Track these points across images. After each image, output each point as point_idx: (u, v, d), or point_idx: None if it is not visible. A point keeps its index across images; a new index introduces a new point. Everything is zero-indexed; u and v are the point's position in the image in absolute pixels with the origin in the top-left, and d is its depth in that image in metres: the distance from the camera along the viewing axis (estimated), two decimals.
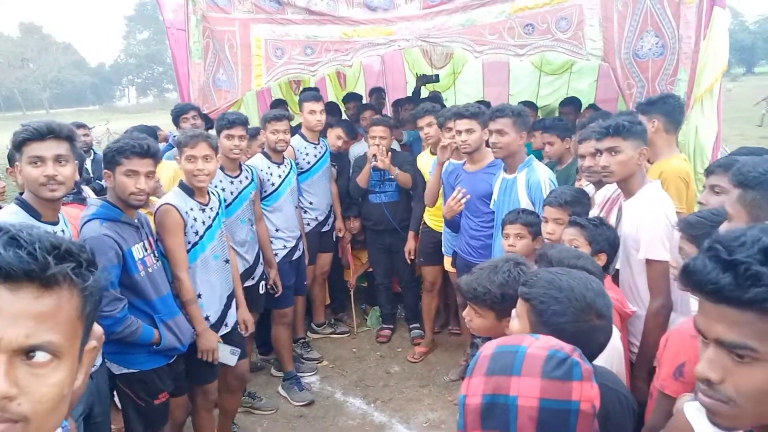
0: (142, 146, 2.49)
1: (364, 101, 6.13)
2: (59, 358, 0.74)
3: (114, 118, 27.90)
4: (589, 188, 3.05)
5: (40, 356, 0.72)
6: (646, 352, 2.36)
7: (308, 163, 4.43)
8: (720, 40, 3.74)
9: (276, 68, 4.57)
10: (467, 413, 1.10)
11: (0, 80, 50.32)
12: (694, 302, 2.37)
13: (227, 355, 3.03)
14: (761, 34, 50.55)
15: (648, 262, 2.39)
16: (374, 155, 4.36)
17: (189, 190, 2.99)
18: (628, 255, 2.49)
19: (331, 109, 5.33)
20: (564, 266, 1.74)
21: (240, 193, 3.63)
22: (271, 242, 4.00)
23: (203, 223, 3.01)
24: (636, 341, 2.44)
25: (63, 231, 2.34)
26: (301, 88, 6.11)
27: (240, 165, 3.70)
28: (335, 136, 4.64)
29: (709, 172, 2.33)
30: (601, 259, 2.34)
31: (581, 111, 5.31)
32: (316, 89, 4.99)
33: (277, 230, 4.02)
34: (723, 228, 1.65)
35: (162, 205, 2.91)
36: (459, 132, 3.55)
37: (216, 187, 3.36)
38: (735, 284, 0.84)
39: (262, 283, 3.85)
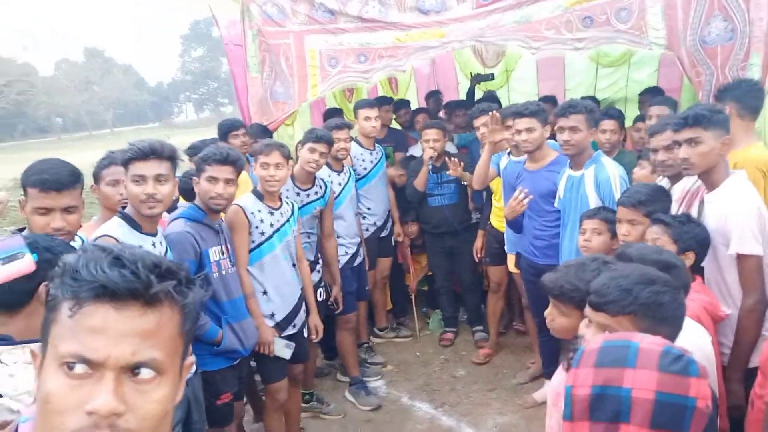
0: (222, 154, 2.70)
1: (413, 106, 6.12)
2: (162, 375, 0.76)
3: (173, 134, 29.02)
4: (664, 182, 2.93)
5: (145, 373, 0.75)
6: (741, 352, 2.25)
7: (365, 169, 4.47)
8: None
9: (331, 77, 4.63)
10: (575, 403, 1.09)
11: (67, 103, 53.30)
12: None
13: (282, 349, 3.14)
14: None
15: (740, 257, 2.26)
16: (430, 157, 4.35)
17: (260, 195, 3.20)
18: (715, 252, 2.36)
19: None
20: (646, 263, 1.68)
21: (304, 205, 3.68)
22: None
23: (271, 225, 3.17)
24: (727, 341, 2.31)
25: (161, 242, 2.49)
26: (354, 96, 6.18)
27: (314, 179, 3.76)
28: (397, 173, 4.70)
29: None
30: (689, 258, 2.22)
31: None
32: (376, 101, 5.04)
33: (338, 237, 4.06)
34: None
35: (232, 206, 3.06)
36: (519, 131, 3.49)
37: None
38: None
39: (321, 290, 3.89)
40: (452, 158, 4.31)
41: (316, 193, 3.76)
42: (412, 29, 4.32)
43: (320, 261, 3.87)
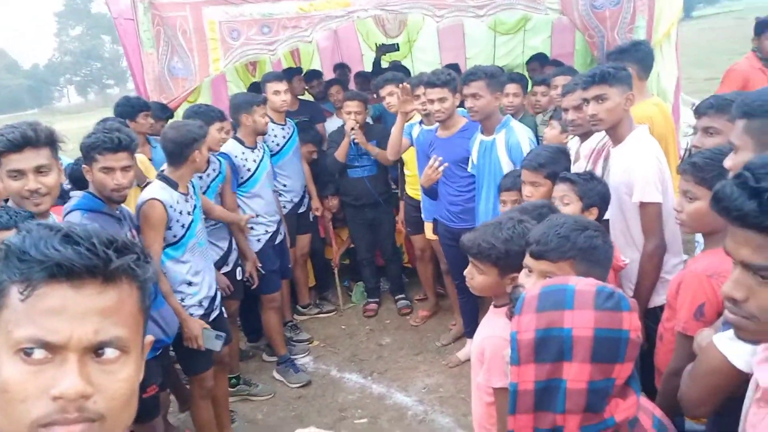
0: (113, 140, 2.44)
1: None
2: (127, 353, 0.73)
3: (56, 120, 26.81)
4: (575, 141, 3.08)
5: (109, 353, 0.71)
6: (643, 292, 2.43)
7: (277, 145, 4.37)
8: None
9: (233, 50, 4.44)
10: (520, 348, 1.14)
11: None
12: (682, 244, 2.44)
13: (212, 341, 3.03)
14: None
15: (642, 205, 2.42)
16: (352, 129, 4.33)
17: (172, 182, 2.98)
18: (621, 202, 2.52)
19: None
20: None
21: (207, 188, 3.57)
22: (253, 228, 3.94)
23: (188, 213, 3.02)
24: (631, 285, 2.51)
25: None
26: (257, 70, 5.99)
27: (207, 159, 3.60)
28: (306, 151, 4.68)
29: (700, 114, 2.34)
30: (593, 214, 2.36)
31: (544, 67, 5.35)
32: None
33: (257, 216, 3.96)
34: (728, 160, 1.68)
35: (149, 199, 2.86)
36: (432, 101, 3.54)
37: None
38: (759, 211, 0.88)
39: (239, 269, 3.82)
40: (355, 121, 4.36)
41: (214, 170, 3.62)
42: None
43: (233, 240, 3.76)
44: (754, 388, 1.17)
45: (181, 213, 2.97)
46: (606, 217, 2.60)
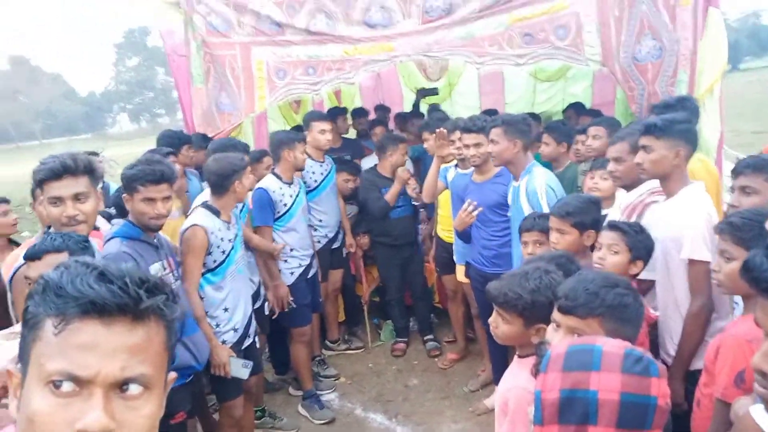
0: (156, 173, 2.56)
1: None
2: (150, 390, 0.76)
3: (108, 146, 27.87)
4: (620, 192, 3.06)
5: (134, 389, 0.74)
6: (685, 353, 2.36)
7: (315, 181, 4.46)
8: (717, 39, 3.80)
9: (279, 89, 4.61)
10: (544, 407, 1.13)
11: None
12: (732, 305, 2.37)
13: (239, 369, 3.07)
14: (743, 30, 51.15)
15: (690, 262, 2.35)
16: (408, 179, 4.48)
17: (215, 210, 3.10)
18: (666, 256, 2.46)
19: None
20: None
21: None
22: (286, 261, 4.02)
23: (229, 241, 3.12)
24: (672, 344, 2.44)
25: None
26: (300, 109, 6.16)
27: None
28: (342, 180, 4.75)
29: (737, 173, 2.31)
30: (638, 267, 2.32)
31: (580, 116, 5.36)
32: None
33: (291, 250, 4.04)
34: None
35: (192, 225, 2.98)
36: (467, 146, 3.59)
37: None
38: None
39: (266, 304, 3.89)
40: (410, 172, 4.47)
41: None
42: (360, 43, 4.37)
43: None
44: None
45: (222, 240, 3.07)
46: (643, 276, 2.56)
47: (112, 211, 3.59)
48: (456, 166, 4.09)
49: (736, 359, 1.73)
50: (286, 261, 4.03)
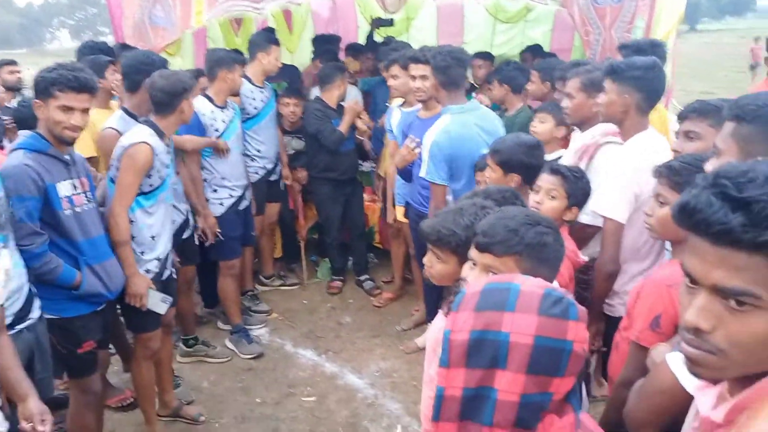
0: (79, 80, 2.33)
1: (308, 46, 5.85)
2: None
3: (45, 62, 26.12)
4: (576, 133, 2.98)
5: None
6: (594, 299, 2.40)
7: (255, 108, 4.20)
8: None
9: (218, 4, 4.26)
10: (452, 349, 1.03)
11: None
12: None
13: (158, 303, 2.88)
14: None
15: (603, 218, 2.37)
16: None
17: (159, 131, 2.87)
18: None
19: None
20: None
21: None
22: (215, 191, 3.81)
23: (166, 166, 2.90)
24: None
25: None
26: (242, 29, 5.76)
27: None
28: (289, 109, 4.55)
29: (682, 117, 2.25)
30: (573, 213, 2.29)
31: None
32: (271, 30, 4.72)
33: (222, 178, 3.82)
34: (710, 164, 1.58)
35: (140, 142, 2.74)
36: (413, 77, 3.40)
37: None
38: (749, 225, 0.74)
39: (196, 234, 3.70)
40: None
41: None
42: None
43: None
44: (693, 415, 1.08)
45: (162, 163, 2.85)
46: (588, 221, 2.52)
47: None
48: (400, 105, 3.92)
49: (654, 303, 1.71)
50: (215, 191, 3.81)
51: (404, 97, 3.95)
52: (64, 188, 2.41)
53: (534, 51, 5.38)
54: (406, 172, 3.69)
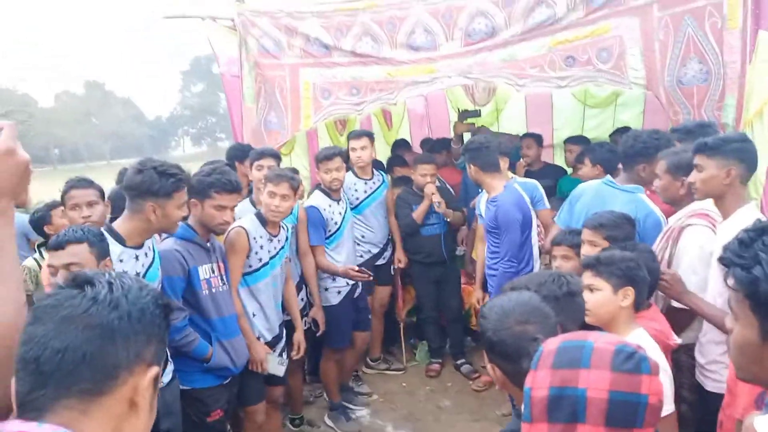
0: (231, 183, 2.79)
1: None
2: None
3: None
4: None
5: None
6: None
7: (357, 198, 4.51)
8: (767, 63, 3.70)
9: (323, 109, 4.76)
10: (533, 405, 1.12)
11: (66, 134, 53.63)
12: None
13: (275, 366, 3.18)
14: None
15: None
16: (433, 193, 4.51)
17: (263, 220, 3.24)
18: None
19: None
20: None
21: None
22: (334, 279, 4.05)
23: (268, 252, 3.23)
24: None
25: (146, 254, 2.55)
26: (346, 129, 6.32)
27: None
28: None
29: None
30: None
31: None
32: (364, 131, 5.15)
33: None
34: None
35: (235, 227, 3.12)
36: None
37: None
38: None
39: (306, 318, 3.92)
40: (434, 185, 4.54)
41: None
42: (403, 65, 4.48)
43: (305, 285, 3.92)
44: None
45: (261, 248, 3.20)
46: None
47: None
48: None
49: None
50: (334, 279, 4.05)
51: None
52: (203, 271, 2.81)
53: (623, 133, 5.42)
54: None
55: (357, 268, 3.84)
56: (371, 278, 3.94)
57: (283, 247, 3.36)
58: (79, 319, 0.85)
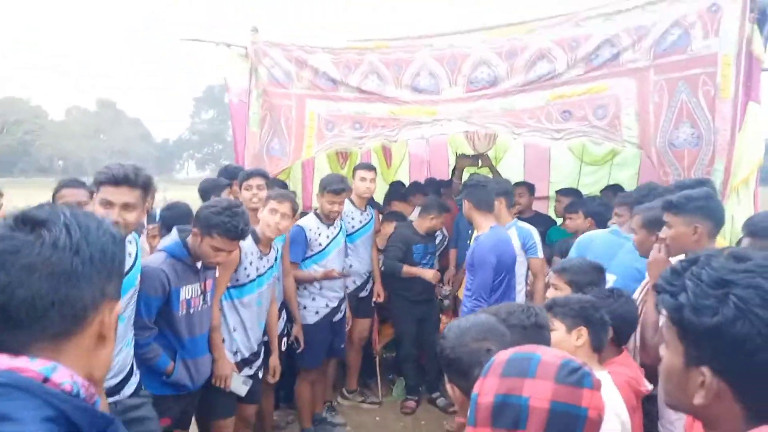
0: (237, 230, 2.74)
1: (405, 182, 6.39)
2: None
3: (172, 188, 29.29)
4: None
5: None
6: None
7: (352, 227, 4.60)
8: (755, 134, 3.83)
9: (326, 139, 4.88)
10: (478, 410, 1.16)
11: (73, 148, 54.14)
12: None
13: (239, 385, 3.16)
14: None
15: None
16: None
17: (256, 238, 3.30)
18: None
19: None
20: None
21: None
22: (314, 299, 4.11)
23: (257, 269, 3.28)
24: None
25: (129, 254, 2.52)
26: (348, 162, 6.44)
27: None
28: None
29: None
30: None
31: None
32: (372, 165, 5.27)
33: (320, 289, 4.13)
34: None
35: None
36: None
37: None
38: None
39: (284, 339, 3.95)
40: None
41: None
42: (406, 105, 4.62)
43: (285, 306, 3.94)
44: None
45: (251, 264, 3.25)
46: None
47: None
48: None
49: None
50: (314, 299, 4.11)
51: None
52: (186, 292, 2.80)
53: (615, 190, 5.55)
54: None
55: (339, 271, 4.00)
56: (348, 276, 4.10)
57: (272, 267, 3.41)
58: (42, 266, 0.84)
